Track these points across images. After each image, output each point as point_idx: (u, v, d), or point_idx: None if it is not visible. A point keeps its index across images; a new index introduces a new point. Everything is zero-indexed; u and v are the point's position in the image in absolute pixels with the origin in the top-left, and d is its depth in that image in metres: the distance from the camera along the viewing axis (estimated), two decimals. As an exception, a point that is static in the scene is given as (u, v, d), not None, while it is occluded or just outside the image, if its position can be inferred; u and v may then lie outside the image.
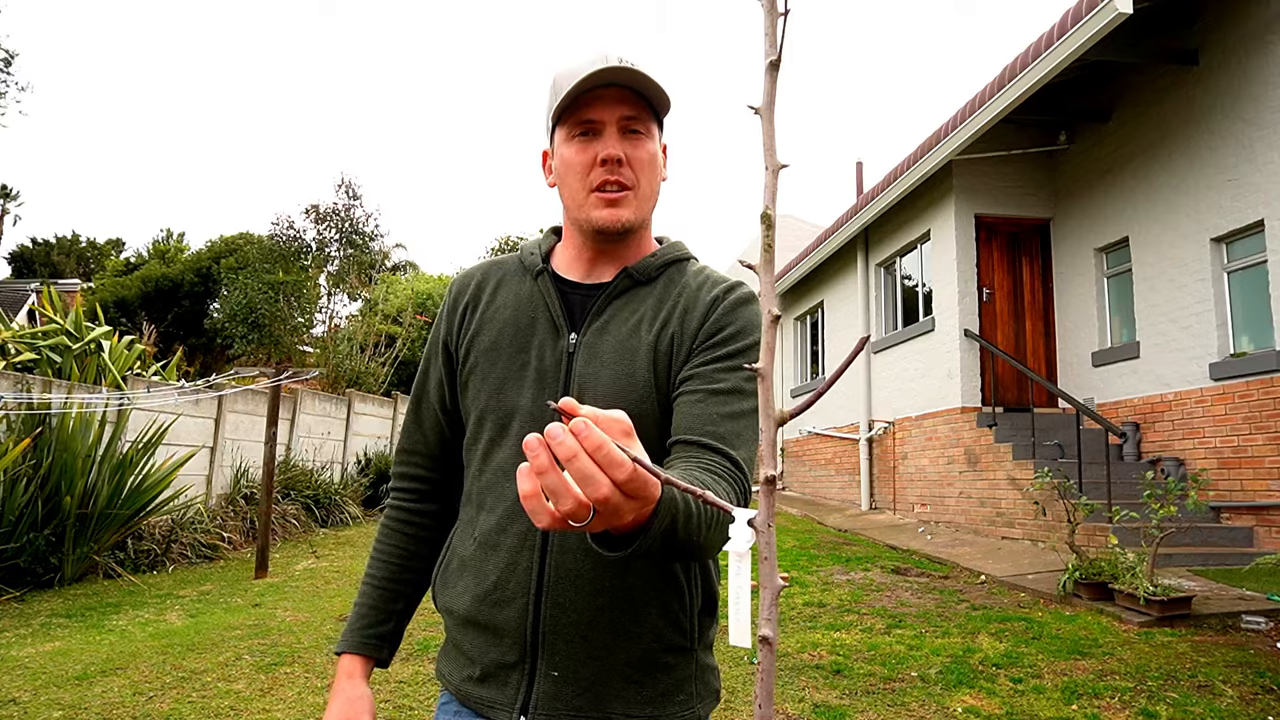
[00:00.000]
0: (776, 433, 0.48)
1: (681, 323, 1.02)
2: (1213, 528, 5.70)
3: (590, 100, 0.98)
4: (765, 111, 0.48)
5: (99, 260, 38.65)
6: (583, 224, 1.03)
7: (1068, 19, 5.80)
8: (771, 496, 0.48)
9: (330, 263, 16.68)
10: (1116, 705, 3.18)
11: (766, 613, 0.47)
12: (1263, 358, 5.65)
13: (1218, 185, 6.17)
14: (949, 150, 7.34)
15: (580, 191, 1.01)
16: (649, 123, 1.02)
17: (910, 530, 7.85)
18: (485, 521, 1.01)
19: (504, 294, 1.09)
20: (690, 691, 0.99)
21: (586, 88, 0.97)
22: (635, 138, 1.01)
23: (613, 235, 1.02)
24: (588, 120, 0.99)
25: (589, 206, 1.01)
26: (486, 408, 1.02)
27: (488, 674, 0.98)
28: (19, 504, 5.63)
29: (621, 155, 0.99)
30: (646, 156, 1.02)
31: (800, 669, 3.66)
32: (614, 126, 0.99)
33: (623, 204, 1.00)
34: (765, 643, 0.47)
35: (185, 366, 11.25)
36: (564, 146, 1.02)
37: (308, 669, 3.73)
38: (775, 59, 0.47)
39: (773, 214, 0.47)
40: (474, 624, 1.00)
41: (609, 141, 0.99)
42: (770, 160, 0.48)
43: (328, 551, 7.73)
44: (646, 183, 1.03)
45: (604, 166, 0.99)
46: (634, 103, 1.00)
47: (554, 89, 1.01)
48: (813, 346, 12.35)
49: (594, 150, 0.99)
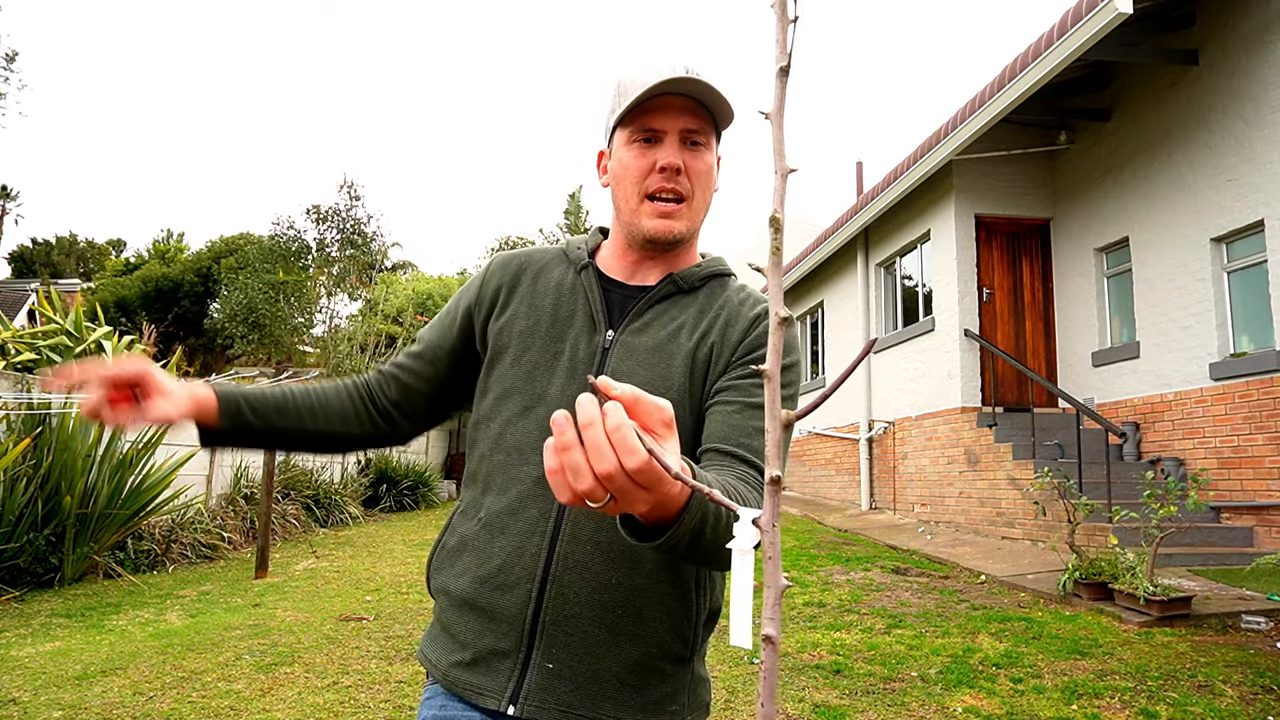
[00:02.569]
0: (782, 434, 0.48)
1: (722, 335, 1.02)
2: (1213, 528, 5.70)
3: (655, 108, 0.99)
4: (775, 116, 0.47)
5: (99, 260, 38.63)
6: (633, 229, 1.03)
7: (1068, 19, 5.80)
8: (777, 496, 0.48)
9: (332, 265, 16.68)
10: (1116, 705, 3.18)
11: (770, 612, 0.47)
12: (1263, 357, 5.65)
13: (1218, 185, 6.17)
14: (949, 150, 7.34)
15: (634, 196, 1.02)
16: (709, 135, 1.03)
17: (910, 530, 7.86)
18: (494, 503, 0.99)
19: (545, 282, 1.09)
20: (683, 703, 0.98)
21: (654, 94, 0.97)
22: (695, 149, 1.01)
23: (663, 245, 1.03)
24: (651, 128, 1.00)
25: (642, 213, 1.02)
26: (512, 388, 1.02)
27: (479, 659, 0.96)
28: (19, 504, 5.63)
29: (681, 165, 0.99)
30: (704, 169, 1.02)
31: (800, 669, 3.66)
32: (675, 136, 1.00)
33: (676, 216, 1.01)
34: (768, 642, 0.47)
35: (185, 367, 11.25)
36: (624, 149, 1.02)
37: (308, 669, 3.73)
38: (786, 65, 0.47)
39: (781, 218, 0.47)
40: (471, 606, 0.97)
41: (669, 150, 0.99)
42: (780, 165, 0.48)
43: (328, 551, 7.73)
44: (701, 195, 1.03)
45: (661, 174, 1.00)
46: (698, 114, 1.00)
47: (619, 92, 1.02)
48: (813, 346, 12.35)
49: (653, 157, 1.00)
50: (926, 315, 8.58)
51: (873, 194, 8.99)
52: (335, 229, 16.66)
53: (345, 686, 3.48)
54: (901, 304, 9.41)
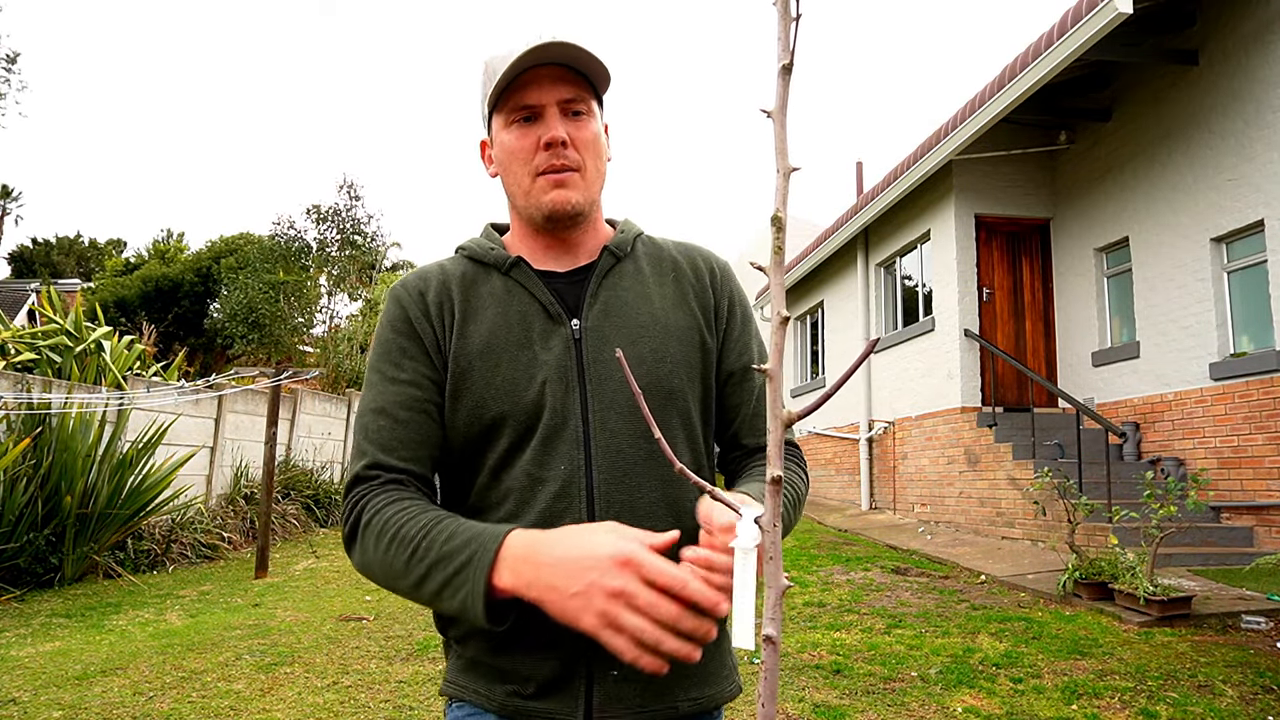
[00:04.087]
0: (783, 433, 0.48)
1: (697, 293, 1.05)
2: (1213, 528, 5.70)
3: (527, 82, 0.93)
4: (778, 115, 0.47)
5: (99, 260, 38.64)
6: (532, 211, 0.98)
7: (1068, 19, 5.80)
8: (778, 496, 0.48)
9: (332, 265, 16.68)
10: (1116, 705, 3.18)
11: (771, 612, 0.47)
12: (1263, 357, 5.66)
13: (1218, 185, 6.17)
14: (949, 150, 7.34)
15: (525, 178, 0.96)
16: (590, 102, 0.97)
17: (910, 530, 7.86)
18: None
19: (476, 294, 0.99)
20: (729, 664, 1.01)
21: (522, 68, 0.92)
22: (578, 119, 0.96)
23: (563, 219, 0.97)
24: (526, 105, 0.94)
25: (536, 192, 0.96)
26: (503, 414, 0.93)
27: (545, 688, 0.90)
28: (19, 504, 5.63)
29: (565, 137, 0.94)
30: (590, 137, 0.97)
31: (800, 669, 3.66)
32: (554, 108, 0.94)
33: (570, 184, 0.96)
34: (769, 642, 0.47)
35: (185, 366, 11.24)
36: (504, 133, 0.97)
37: (308, 669, 3.73)
38: (788, 63, 0.46)
39: (784, 217, 0.47)
40: (518, 643, 0.91)
41: (551, 124, 0.94)
42: (782, 163, 0.48)
43: (328, 551, 7.73)
44: (592, 164, 0.98)
45: (548, 150, 0.94)
46: (574, 82, 0.95)
47: (487, 74, 0.96)
48: (813, 346, 12.35)
49: (535, 134, 0.94)
50: (926, 315, 8.58)
51: (873, 194, 8.99)
52: (335, 229, 16.66)
53: (345, 686, 3.48)
54: (901, 304, 9.42)
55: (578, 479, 0.92)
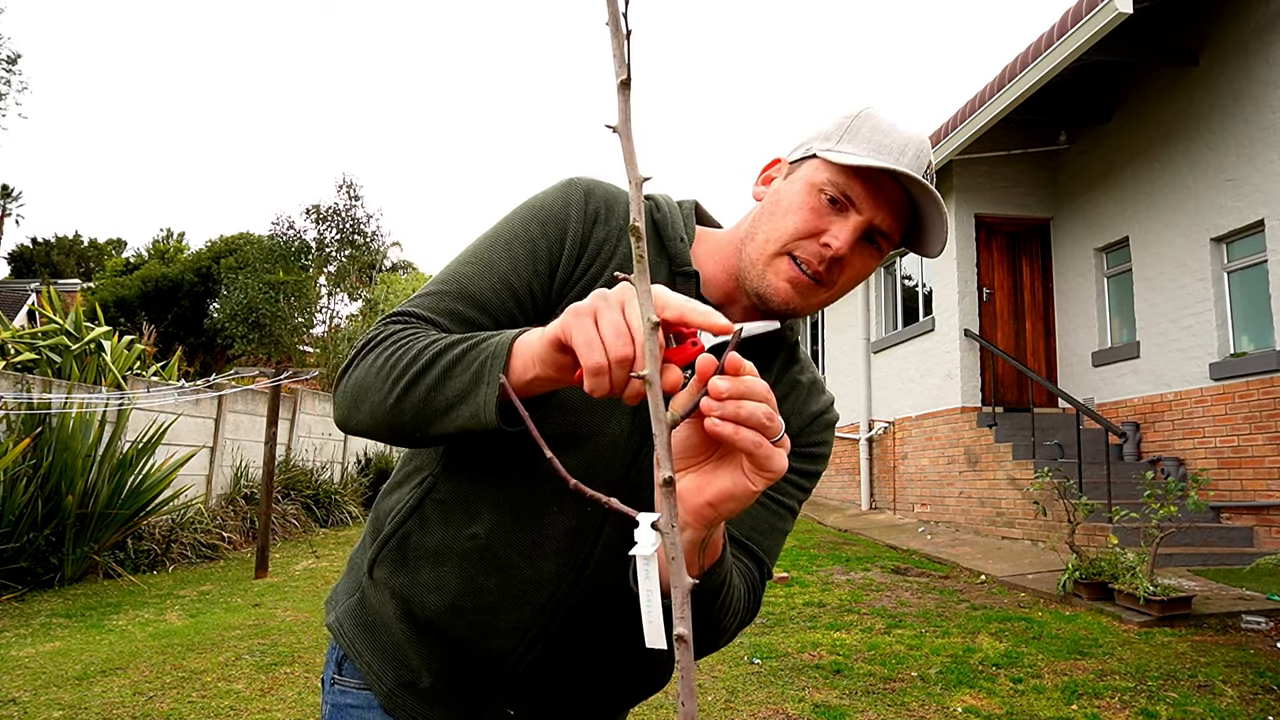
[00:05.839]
0: (668, 436, 0.48)
1: (787, 417, 0.94)
2: (1213, 528, 5.70)
3: (869, 180, 0.82)
4: (623, 128, 0.49)
5: (99, 260, 38.66)
6: (750, 271, 0.85)
7: (1067, 19, 5.80)
8: (672, 498, 0.49)
9: (330, 263, 16.69)
10: (1116, 705, 3.18)
11: (679, 611, 0.48)
12: (1263, 357, 5.65)
13: (1218, 185, 6.17)
14: (949, 150, 7.34)
15: (775, 243, 0.84)
16: (891, 244, 0.87)
17: (910, 530, 7.86)
18: (500, 527, 0.83)
19: (628, 270, 0.85)
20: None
21: (887, 174, 0.81)
22: (868, 249, 0.85)
23: (769, 309, 0.86)
24: (848, 196, 0.82)
25: (773, 266, 0.84)
26: (560, 420, 0.81)
27: (436, 692, 0.87)
28: (19, 504, 5.62)
29: (845, 256, 0.82)
30: (862, 271, 0.87)
31: (800, 669, 3.66)
32: (863, 222, 0.83)
33: (806, 294, 0.84)
34: (681, 641, 0.47)
35: (185, 366, 11.25)
36: (804, 187, 0.84)
37: (308, 669, 3.73)
38: (626, 78, 0.47)
39: (641, 227, 0.48)
40: (437, 632, 0.85)
41: (846, 233, 0.82)
42: (632, 174, 0.49)
43: (328, 551, 7.73)
44: (840, 290, 0.88)
45: (821, 248, 0.82)
46: (901, 218, 0.85)
47: (849, 128, 0.85)
48: (812, 346, 12.35)
49: (829, 223, 0.82)
50: (926, 315, 8.58)
51: (873, 194, 8.98)
52: (335, 229, 16.67)
53: (345, 686, 3.47)
54: (901, 304, 9.42)
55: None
